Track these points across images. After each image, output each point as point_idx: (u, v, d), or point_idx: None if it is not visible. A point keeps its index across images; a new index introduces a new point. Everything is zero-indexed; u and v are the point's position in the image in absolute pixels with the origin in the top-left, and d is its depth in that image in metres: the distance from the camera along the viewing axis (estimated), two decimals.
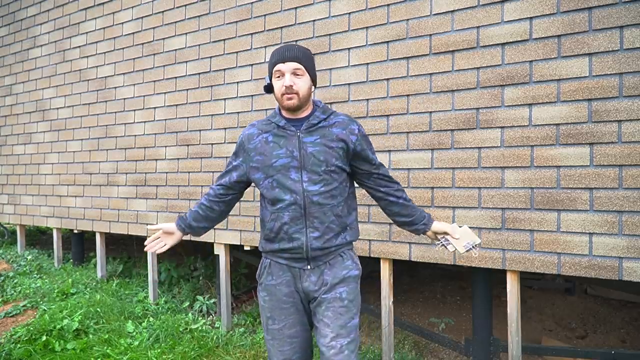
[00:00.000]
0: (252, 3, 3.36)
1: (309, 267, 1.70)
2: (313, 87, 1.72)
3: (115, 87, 4.25)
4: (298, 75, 1.65)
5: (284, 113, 1.73)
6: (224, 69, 3.51)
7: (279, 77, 1.65)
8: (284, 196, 1.66)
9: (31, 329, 3.26)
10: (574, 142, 2.22)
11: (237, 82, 3.43)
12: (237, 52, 3.43)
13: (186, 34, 3.74)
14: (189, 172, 3.70)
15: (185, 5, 3.74)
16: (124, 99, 4.18)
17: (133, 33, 4.12)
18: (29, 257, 5.28)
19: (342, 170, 1.71)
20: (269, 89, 1.71)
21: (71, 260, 5.13)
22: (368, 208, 2.81)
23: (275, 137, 1.70)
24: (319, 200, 1.66)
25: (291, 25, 3.16)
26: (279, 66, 1.65)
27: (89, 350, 3.05)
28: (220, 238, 3.49)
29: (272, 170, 1.67)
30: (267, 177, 1.68)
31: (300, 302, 1.74)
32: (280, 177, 1.66)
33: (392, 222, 2.75)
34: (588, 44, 2.20)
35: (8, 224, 5.87)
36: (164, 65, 3.88)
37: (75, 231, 4.88)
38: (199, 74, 3.65)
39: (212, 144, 3.57)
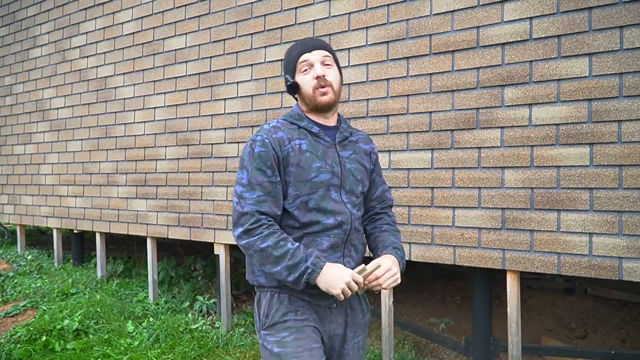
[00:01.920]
0: (252, 3, 3.36)
1: (335, 304, 1.40)
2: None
3: (115, 87, 4.25)
4: (328, 65, 1.41)
5: (311, 116, 1.45)
6: (224, 69, 3.51)
7: (306, 70, 1.40)
8: (324, 218, 1.36)
9: (31, 329, 3.26)
10: (574, 142, 2.22)
11: (237, 82, 3.43)
12: (237, 52, 3.43)
13: (186, 34, 3.74)
14: (189, 172, 3.70)
15: (185, 5, 3.74)
16: (124, 99, 4.18)
17: (133, 33, 4.12)
18: (29, 257, 5.28)
19: None
20: (294, 88, 1.43)
21: (71, 260, 5.13)
22: None
23: (311, 146, 1.38)
24: (357, 226, 1.45)
25: (291, 25, 3.16)
26: (306, 56, 1.40)
27: (89, 350, 3.05)
28: (220, 238, 3.49)
29: (310, 187, 1.36)
30: (301, 195, 1.36)
31: (323, 351, 1.38)
32: (319, 197, 1.36)
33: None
34: (588, 44, 2.20)
35: (8, 224, 5.87)
36: (164, 65, 3.88)
37: (75, 231, 4.88)
38: (199, 74, 3.65)
39: (212, 144, 3.56)
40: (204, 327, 3.39)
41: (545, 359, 3.02)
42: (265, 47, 3.29)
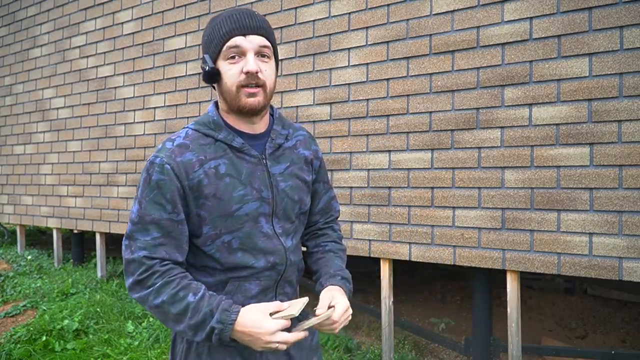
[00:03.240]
0: (252, 3, 3.36)
1: None
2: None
3: (115, 87, 4.25)
4: (264, 58, 1.07)
5: (231, 122, 1.11)
6: None
7: (234, 57, 1.05)
8: (252, 261, 1.09)
9: (31, 329, 3.26)
10: (574, 142, 2.22)
11: None
12: None
13: (186, 34, 3.74)
14: None
15: (185, 5, 3.74)
16: (124, 99, 4.18)
17: (133, 33, 4.12)
18: (29, 257, 5.28)
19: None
20: (213, 76, 1.07)
21: (71, 260, 5.13)
22: (368, 208, 2.81)
23: (231, 167, 1.07)
24: (294, 259, 1.18)
25: (291, 25, 3.16)
26: (238, 40, 1.04)
27: (89, 350, 3.05)
28: None
29: (232, 223, 1.07)
30: (222, 234, 1.07)
31: None
32: (245, 234, 1.08)
33: (390, 222, 2.77)
34: (588, 44, 2.20)
35: (8, 224, 5.87)
36: (164, 65, 3.88)
37: (75, 231, 4.88)
38: (199, 74, 3.65)
39: None
40: None
41: (545, 359, 3.02)
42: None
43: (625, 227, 2.10)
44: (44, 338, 3.14)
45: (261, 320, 0.98)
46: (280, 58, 3.18)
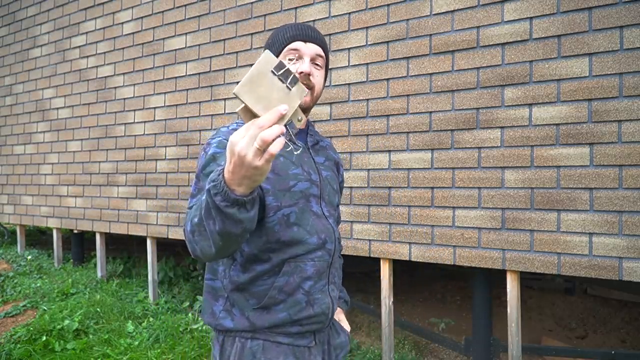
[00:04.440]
0: (252, 3, 3.36)
1: (314, 342, 1.18)
2: None
3: (115, 87, 4.25)
4: (317, 66, 1.19)
5: None
6: (224, 69, 3.51)
7: (292, 60, 1.17)
8: (307, 236, 1.14)
9: (31, 329, 3.26)
10: (574, 142, 2.22)
11: (237, 82, 3.43)
12: (237, 52, 3.43)
13: (186, 34, 3.74)
14: (188, 172, 3.70)
15: (185, 5, 3.74)
16: (124, 99, 4.18)
17: (133, 33, 4.11)
18: (29, 257, 5.28)
19: None
20: None
21: (71, 260, 5.13)
22: (368, 208, 2.81)
23: (283, 149, 1.16)
24: (338, 246, 1.26)
25: None
26: (299, 45, 1.16)
27: (89, 350, 3.05)
28: None
29: (290, 197, 1.13)
30: (282, 207, 1.12)
31: None
32: (301, 209, 1.14)
33: (390, 222, 2.77)
34: (588, 44, 2.20)
35: (8, 224, 5.87)
36: (164, 65, 3.88)
37: (75, 231, 4.88)
38: (199, 74, 3.65)
39: None
40: (204, 327, 3.38)
41: (545, 359, 3.02)
42: (265, 47, 3.28)
43: (625, 227, 2.10)
44: (44, 338, 3.14)
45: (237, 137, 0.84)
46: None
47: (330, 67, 2.98)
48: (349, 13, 2.90)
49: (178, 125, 3.79)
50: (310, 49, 1.17)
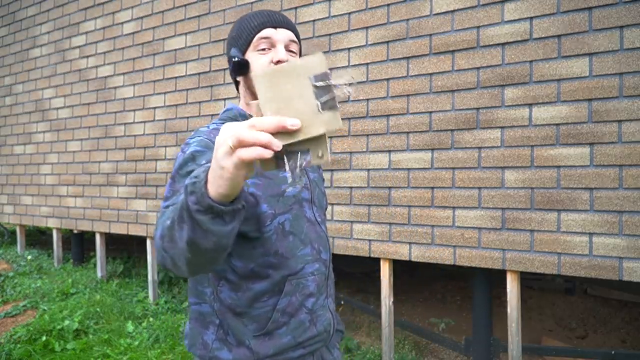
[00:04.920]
0: (252, 3, 3.36)
1: None
2: None
3: (115, 87, 4.25)
4: (292, 53, 1.09)
5: None
6: (224, 69, 3.51)
7: (264, 49, 1.05)
8: (301, 247, 1.04)
9: (31, 329, 3.26)
10: (574, 142, 2.22)
11: None
12: None
13: (186, 34, 3.74)
14: None
15: (185, 5, 3.74)
16: (124, 99, 4.18)
17: (133, 33, 4.11)
18: (29, 257, 5.28)
19: None
20: (242, 68, 1.05)
21: (71, 260, 5.13)
22: (368, 208, 2.81)
23: (275, 175, 1.06)
24: (331, 254, 1.16)
25: None
26: (269, 32, 1.05)
27: (89, 350, 3.05)
28: None
29: (284, 203, 1.02)
30: (277, 215, 1.01)
31: None
32: (295, 216, 1.04)
33: (390, 222, 2.77)
34: (588, 44, 2.20)
35: (8, 224, 5.87)
36: (164, 65, 3.88)
37: (75, 231, 4.87)
38: (199, 74, 3.65)
39: None
40: None
41: (545, 359, 3.02)
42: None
43: (625, 227, 2.10)
44: (44, 338, 3.14)
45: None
46: None
47: (330, 67, 2.97)
48: (349, 13, 2.90)
49: (178, 125, 3.78)
50: (283, 35, 1.07)
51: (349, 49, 2.90)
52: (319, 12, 3.03)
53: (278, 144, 0.57)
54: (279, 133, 0.58)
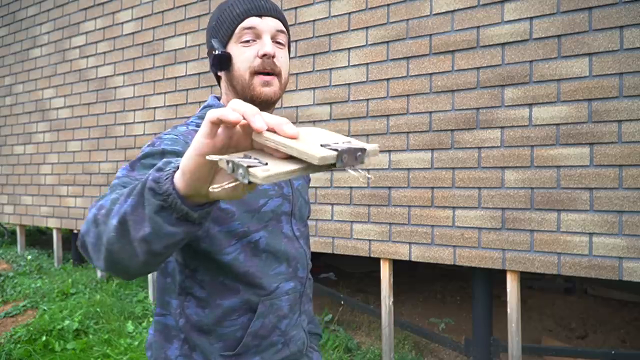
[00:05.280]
0: None
1: None
2: None
3: (115, 87, 4.25)
4: (280, 45, 0.97)
5: None
6: None
7: (248, 41, 0.94)
8: (275, 265, 0.95)
9: (31, 329, 3.26)
10: (574, 142, 2.22)
11: None
12: None
13: (186, 34, 3.74)
14: None
15: (185, 5, 3.74)
16: (124, 99, 4.18)
17: (133, 33, 4.11)
18: (29, 257, 5.28)
19: None
20: (223, 62, 0.94)
21: (71, 260, 5.13)
22: (368, 208, 2.81)
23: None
24: (310, 268, 1.07)
25: (291, 25, 3.15)
26: (253, 21, 0.93)
27: (89, 350, 3.05)
28: None
29: (259, 220, 0.92)
30: (250, 233, 0.91)
31: None
32: (271, 233, 0.95)
33: (390, 222, 2.77)
34: (588, 44, 2.20)
35: (8, 224, 5.87)
36: (164, 65, 3.88)
37: (75, 231, 4.87)
38: (199, 74, 3.65)
39: None
40: None
41: (545, 359, 3.02)
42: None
43: (625, 227, 2.10)
44: (44, 338, 3.14)
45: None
46: None
47: (330, 67, 2.97)
48: (349, 13, 2.90)
49: None
50: (269, 24, 0.94)
51: (349, 49, 2.90)
52: (319, 12, 3.03)
53: (259, 124, 0.47)
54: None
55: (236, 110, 0.48)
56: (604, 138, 2.16)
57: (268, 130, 0.47)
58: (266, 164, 0.47)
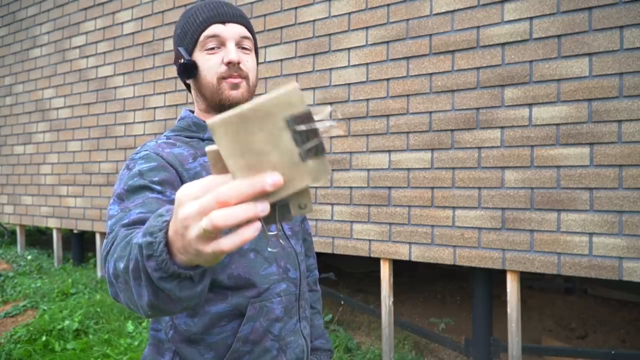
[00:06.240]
0: (252, 3, 3.36)
1: None
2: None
3: (115, 87, 4.25)
4: (246, 50, 0.98)
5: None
6: None
7: (213, 49, 0.94)
8: (265, 265, 0.93)
9: (31, 329, 3.26)
10: (574, 142, 2.22)
11: None
12: None
13: None
14: None
15: (185, 5, 3.74)
16: (124, 99, 4.18)
17: (133, 33, 4.11)
18: (29, 257, 5.28)
19: None
20: (190, 70, 0.95)
21: (71, 260, 5.13)
22: (368, 208, 2.81)
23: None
24: (303, 269, 1.03)
25: (291, 25, 3.15)
26: (217, 28, 0.94)
27: (89, 350, 3.05)
28: None
29: None
30: None
31: None
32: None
33: (390, 222, 2.77)
34: (588, 44, 2.20)
35: (8, 224, 5.87)
36: (164, 65, 3.88)
37: (75, 231, 4.87)
38: None
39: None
40: None
41: (545, 359, 3.02)
42: (265, 47, 3.29)
43: (625, 227, 2.10)
44: (44, 338, 3.14)
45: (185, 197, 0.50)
46: (280, 58, 3.18)
47: (330, 67, 2.97)
48: (349, 13, 2.90)
49: None
50: (233, 31, 0.95)
51: (349, 49, 2.90)
52: (319, 12, 3.03)
53: (265, 208, 0.44)
54: None
55: (207, 207, 0.43)
56: (604, 138, 2.16)
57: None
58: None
